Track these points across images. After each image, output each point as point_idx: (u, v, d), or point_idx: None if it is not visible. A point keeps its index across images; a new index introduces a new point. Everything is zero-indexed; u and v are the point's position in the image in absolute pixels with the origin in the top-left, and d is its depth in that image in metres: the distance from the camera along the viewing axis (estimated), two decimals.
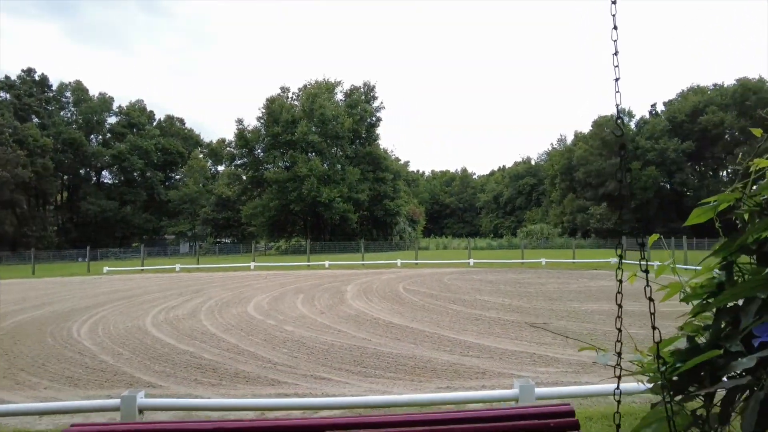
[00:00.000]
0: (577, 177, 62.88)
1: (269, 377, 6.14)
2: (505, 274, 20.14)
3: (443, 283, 16.52)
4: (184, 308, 12.00)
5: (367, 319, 9.82)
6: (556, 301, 12.11)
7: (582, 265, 23.83)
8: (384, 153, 54.67)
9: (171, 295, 14.89)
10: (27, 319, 10.93)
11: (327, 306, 11.70)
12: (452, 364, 6.55)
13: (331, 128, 48.96)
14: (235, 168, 57.16)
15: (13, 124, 51.13)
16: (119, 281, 20.59)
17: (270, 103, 51.16)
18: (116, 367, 6.72)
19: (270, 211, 49.50)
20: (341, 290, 14.78)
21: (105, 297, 14.75)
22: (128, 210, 60.81)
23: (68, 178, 62.61)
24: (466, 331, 8.55)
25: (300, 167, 47.26)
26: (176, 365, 6.78)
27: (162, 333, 8.97)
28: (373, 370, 6.33)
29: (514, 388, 4.03)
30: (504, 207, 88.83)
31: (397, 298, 12.88)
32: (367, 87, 55.01)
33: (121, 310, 11.99)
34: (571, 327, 8.85)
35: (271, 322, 9.83)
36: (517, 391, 3.99)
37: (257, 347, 7.70)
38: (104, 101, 63.15)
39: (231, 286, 17.22)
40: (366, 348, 7.45)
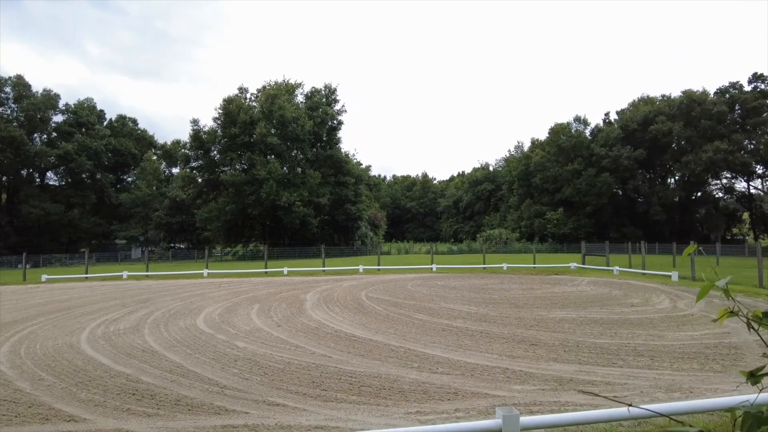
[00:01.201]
0: (534, 183, 64.07)
1: (216, 404, 5.40)
2: (468, 279, 19.85)
3: (407, 290, 16.01)
4: (127, 321, 10.97)
5: (328, 332, 9.15)
6: (522, 308, 11.80)
7: (543, 270, 23.89)
8: (345, 156, 54.03)
9: (114, 306, 13.71)
10: None
11: (284, 317, 10.94)
12: (421, 383, 5.99)
13: (291, 130, 47.89)
14: (190, 170, 55.11)
15: None
16: (58, 291, 19.02)
17: (227, 103, 49.61)
18: (33, 397, 5.79)
19: (226, 215, 47.91)
20: (300, 299, 14.02)
21: (38, 309, 13.42)
22: (75, 213, 57.54)
23: (8, 179, 58.72)
24: (433, 344, 8.02)
25: (258, 170, 45.97)
26: (108, 391, 5.92)
27: (97, 351, 8.01)
28: (334, 392, 5.69)
29: (497, 418, 3.53)
30: (464, 212, 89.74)
31: (359, 307, 12.25)
32: (329, 89, 54.30)
33: (55, 323, 10.83)
34: (542, 337, 8.47)
35: (221, 337, 9.01)
36: (500, 421, 3.49)
37: (204, 367, 6.91)
38: (49, 98, 59.61)
39: (181, 295, 16.13)
40: (326, 366, 6.79)
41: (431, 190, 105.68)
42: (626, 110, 63.50)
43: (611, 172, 56.29)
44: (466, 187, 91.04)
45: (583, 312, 11.10)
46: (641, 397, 5.33)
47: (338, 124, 54.28)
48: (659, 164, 60.19)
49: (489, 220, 76.85)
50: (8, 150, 54.34)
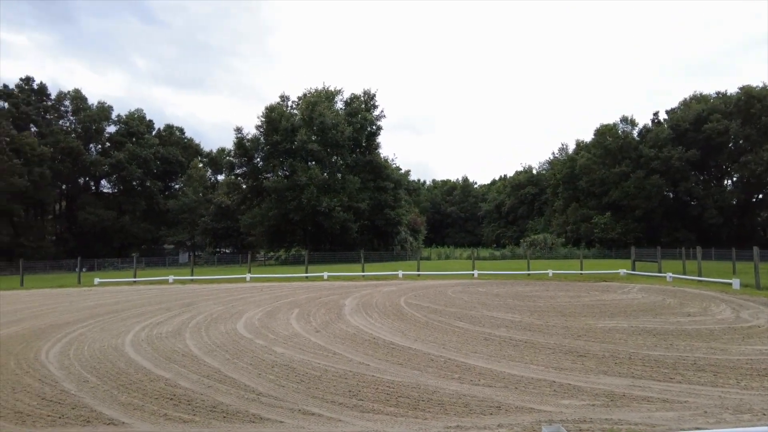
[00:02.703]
0: (580, 186, 62.15)
1: (251, 412, 5.30)
2: (511, 286, 19.28)
3: (447, 296, 15.67)
4: (170, 325, 11.17)
5: (366, 339, 8.98)
6: (569, 317, 11.27)
7: (590, 276, 22.95)
8: (384, 162, 54.05)
9: (159, 309, 14.06)
10: None
11: (323, 323, 10.86)
12: (462, 395, 5.71)
13: (330, 137, 48.36)
14: (234, 177, 56.54)
15: (10, 133, 50.58)
16: (108, 294, 19.75)
17: (269, 111, 50.64)
18: (77, 399, 5.88)
19: (269, 220, 48.81)
20: (339, 304, 13.94)
21: (89, 311, 13.91)
22: (126, 219, 60.11)
23: (67, 187, 62.04)
24: (475, 354, 7.70)
25: (299, 176, 46.64)
26: (147, 395, 5.95)
27: (139, 355, 8.14)
28: (371, 403, 5.49)
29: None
30: (506, 216, 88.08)
31: (398, 313, 12.03)
32: (368, 95, 54.53)
33: (102, 326, 11.15)
34: (590, 348, 8.00)
35: (260, 342, 8.99)
36: None
37: (241, 373, 6.87)
38: (103, 110, 62.71)
39: (224, 299, 16.39)
40: (363, 375, 6.61)
41: (472, 195, 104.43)
42: (677, 109, 60.71)
43: (661, 174, 53.90)
44: (509, 190, 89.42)
45: (635, 321, 10.48)
46: (705, 418, 4.87)
47: (377, 129, 54.40)
48: (714, 165, 57.18)
49: (533, 225, 75.13)
50: (67, 160, 57.44)
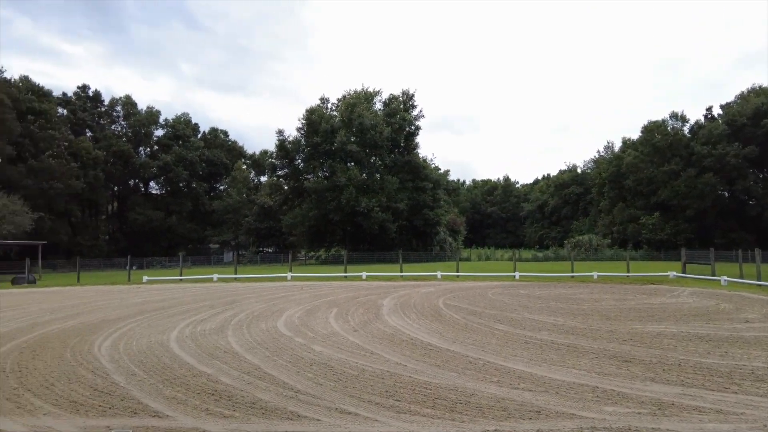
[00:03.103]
0: (626, 185, 59.99)
1: (289, 409, 5.37)
2: (554, 288, 18.79)
3: (487, 298, 15.43)
4: (213, 322, 11.49)
5: (404, 339, 8.95)
6: (614, 320, 10.86)
7: (638, 279, 22.09)
8: (423, 162, 53.89)
9: (203, 306, 14.49)
10: (54, 331, 10.67)
11: (361, 322, 10.90)
12: (500, 399, 5.58)
13: (369, 137, 48.63)
14: (276, 178, 57.75)
15: (68, 138, 53.42)
16: (156, 291, 20.53)
17: (310, 113, 51.42)
18: (125, 391, 6.12)
19: (309, 220, 49.57)
20: (377, 304, 13.96)
21: (137, 308, 14.51)
22: (174, 220, 62.42)
23: (118, 189, 65.00)
24: (515, 357, 7.53)
25: (339, 177, 47.13)
26: (190, 390, 6.12)
27: (183, 350, 8.40)
28: (408, 404, 5.45)
29: None
30: (549, 217, 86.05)
31: (436, 314, 11.94)
32: (406, 95, 54.50)
33: (150, 322, 11.59)
34: (637, 353, 7.67)
35: (299, 340, 9.11)
36: None
37: (281, 370, 6.97)
38: (151, 114, 65.40)
39: (265, 297, 16.73)
40: (401, 376, 6.58)
41: (513, 194, 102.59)
42: (733, 104, 57.57)
43: (715, 173, 51.27)
44: (552, 190, 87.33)
45: (685, 326, 9.99)
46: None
47: (416, 129, 54.29)
48: None
49: (577, 226, 73.12)
50: (119, 163, 60.21)
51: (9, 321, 12.39)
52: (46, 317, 12.93)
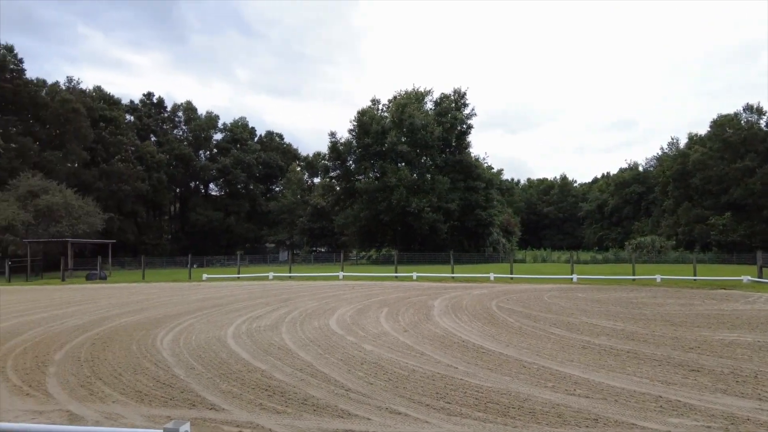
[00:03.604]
0: (693, 184, 56.62)
1: (340, 407, 5.41)
2: (614, 292, 17.99)
3: (543, 301, 14.98)
4: (268, 319, 11.80)
5: (455, 342, 8.83)
6: (680, 327, 10.25)
7: (706, 283, 20.77)
8: (475, 161, 53.11)
9: (259, 304, 14.94)
10: (122, 324, 11.32)
11: (411, 323, 10.86)
12: (555, 404, 5.38)
13: (420, 137, 48.48)
14: (329, 179, 58.73)
15: (135, 143, 56.68)
16: (215, 288, 21.37)
17: (361, 115, 51.93)
18: (185, 384, 6.39)
19: (361, 221, 50.04)
20: (428, 305, 13.87)
21: (197, 304, 15.15)
22: (232, 220, 64.84)
23: (180, 190, 68.28)
24: (571, 362, 7.25)
25: (389, 177, 47.28)
26: (245, 385, 6.31)
27: (239, 346, 8.68)
28: (459, 406, 5.36)
29: None
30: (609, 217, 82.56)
31: (489, 317, 11.71)
32: (458, 94, 53.92)
33: (208, 318, 12.07)
34: (705, 362, 7.19)
35: (350, 338, 9.20)
36: None
37: (332, 368, 7.05)
38: (210, 119, 68.27)
39: (318, 295, 17.03)
40: (451, 378, 6.49)
41: (571, 194, 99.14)
42: None
43: None
44: (612, 189, 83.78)
45: (762, 335, 9.27)
46: None
47: (467, 128, 53.61)
48: None
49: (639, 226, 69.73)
50: (180, 166, 63.25)
51: (83, 314, 13.28)
52: (115, 311, 13.76)
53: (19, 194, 37.31)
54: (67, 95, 47.92)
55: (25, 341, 9.57)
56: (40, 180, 38.99)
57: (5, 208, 35.12)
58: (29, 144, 45.13)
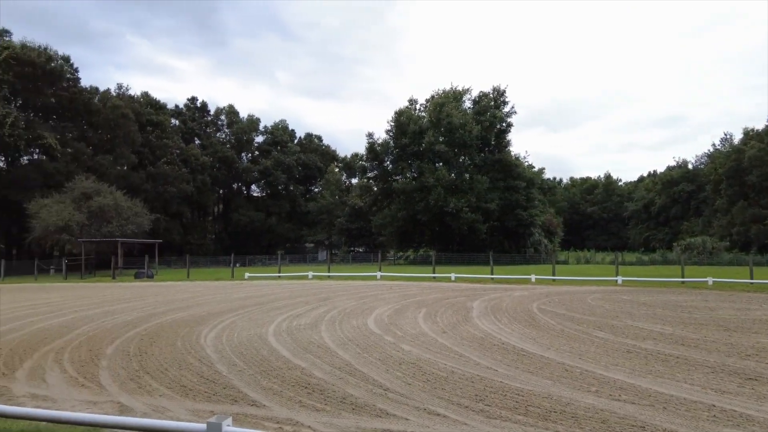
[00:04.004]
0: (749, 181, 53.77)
1: (378, 406, 5.43)
2: (661, 295, 17.28)
3: (586, 303, 14.56)
4: (308, 317, 11.97)
5: (495, 344, 8.69)
6: (735, 332, 9.73)
7: (764, 287, 19.65)
8: (516, 160, 52.15)
9: (299, 302, 15.17)
10: (168, 321, 11.74)
11: (450, 324, 10.77)
12: (599, 410, 5.22)
13: (458, 137, 48.02)
14: (366, 180, 59.02)
15: (180, 146, 58.70)
16: (256, 287, 21.86)
17: (398, 115, 51.93)
18: (227, 380, 6.56)
19: (398, 221, 50.02)
20: (466, 306, 13.73)
21: (239, 302, 15.53)
22: (273, 220, 66.24)
23: (223, 191, 70.25)
24: (616, 367, 7.01)
25: (427, 177, 47.06)
26: (285, 382, 6.42)
27: (280, 344, 8.84)
28: (498, 409, 5.27)
29: None
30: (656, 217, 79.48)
31: (530, 319, 11.47)
32: (497, 92, 53.09)
33: (250, 316, 12.35)
34: (764, 371, 6.81)
35: (388, 338, 9.21)
36: None
37: (370, 368, 7.08)
38: (252, 122, 69.95)
39: (356, 295, 17.15)
40: (491, 380, 6.39)
41: (616, 193, 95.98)
42: None
43: None
44: (659, 188, 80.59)
45: None
46: None
47: (507, 126, 52.70)
48: None
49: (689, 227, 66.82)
50: (223, 168, 65.07)
51: (132, 311, 13.85)
52: (161, 308, 14.28)
53: (74, 196, 39.28)
54: (117, 101, 50.14)
55: (80, 335, 10.07)
56: (93, 183, 40.93)
57: (62, 209, 37.07)
58: (83, 149, 47.45)
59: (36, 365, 7.67)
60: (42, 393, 6.23)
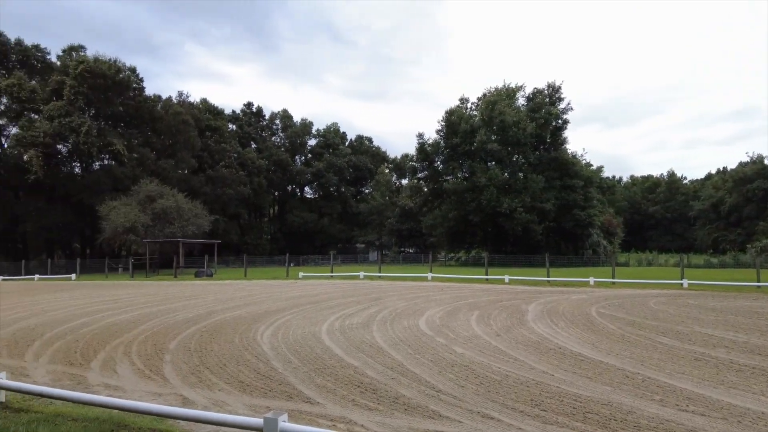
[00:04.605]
0: None
1: (430, 408, 5.40)
2: (733, 300, 16.17)
3: (648, 308, 13.86)
4: (360, 317, 12.09)
5: (551, 348, 8.43)
6: None
7: None
8: (572, 158, 50.48)
9: (350, 302, 15.35)
10: (227, 318, 12.19)
11: (504, 327, 10.56)
12: (664, 420, 4.94)
13: (511, 135, 47.01)
14: (416, 181, 58.95)
15: (237, 150, 60.91)
16: (310, 286, 22.31)
17: (449, 115, 51.52)
18: (282, 377, 6.73)
19: (449, 221, 49.62)
20: (521, 309, 13.40)
21: (294, 301, 15.90)
22: (325, 221, 67.51)
23: (278, 193, 72.28)
24: (682, 375, 6.63)
25: (479, 177, 46.37)
26: (338, 380, 6.51)
27: (333, 342, 8.97)
28: (554, 415, 5.11)
29: None
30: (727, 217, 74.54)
31: (588, 323, 11.05)
32: (552, 88, 51.59)
33: (304, 315, 12.62)
34: None
35: (440, 340, 9.14)
36: None
37: (422, 369, 7.06)
38: (305, 126, 71.63)
39: (407, 296, 17.13)
40: (547, 385, 6.21)
41: (680, 192, 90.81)
42: None
43: None
44: (730, 186, 75.51)
45: None
46: None
47: (563, 123, 51.06)
48: None
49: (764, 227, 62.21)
50: (278, 170, 66.95)
51: (193, 308, 14.49)
52: (220, 306, 14.85)
53: (140, 199, 41.64)
54: (178, 108, 52.72)
55: (146, 330, 10.64)
56: (156, 186, 43.26)
57: (129, 211, 39.40)
58: (148, 154, 50.24)
59: (108, 357, 8.17)
60: (113, 383, 6.64)
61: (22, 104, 45.79)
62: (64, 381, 6.79)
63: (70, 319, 12.52)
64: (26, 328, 11.31)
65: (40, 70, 50.32)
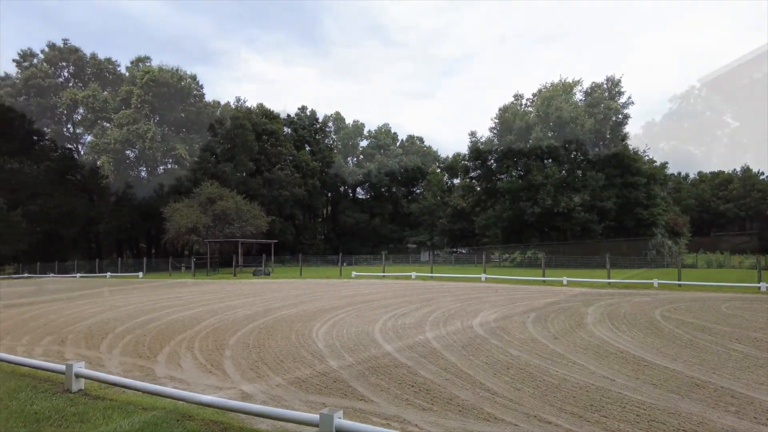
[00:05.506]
0: None
1: (485, 410, 5.31)
2: None
3: (719, 312, 13.00)
4: (412, 317, 12.08)
5: (612, 352, 8.09)
6: None
7: None
8: (634, 154, 48.17)
9: (403, 302, 15.37)
10: (283, 316, 12.52)
11: (562, 330, 10.23)
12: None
13: (569, 131, 45.42)
14: (469, 180, 58.16)
15: (292, 153, 62.47)
16: (362, 285, 22.53)
17: (503, 112, 50.51)
18: (337, 374, 6.83)
19: (503, 221, 48.64)
20: (580, 312, 12.93)
21: (347, 300, 16.12)
22: (377, 222, 68.01)
23: (331, 194, 73.52)
24: (761, 386, 6.16)
25: (534, 175, 45.13)
26: (392, 379, 6.53)
27: (386, 341, 9.01)
28: (616, 422, 4.89)
29: None
30: None
31: (652, 327, 10.51)
32: (611, 82, 49.41)
33: (358, 313, 12.76)
34: None
35: (495, 342, 8.97)
36: None
37: (477, 370, 6.95)
38: (357, 127, 72.46)
39: (460, 297, 16.95)
40: (608, 390, 5.96)
41: (756, 188, 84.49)
42: None
43: None
44: None
45: None
46: None
47: (624, 118, 48.78)
48: None
49: None
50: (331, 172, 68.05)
51: (251, 306, 14.99)
52: (277, 304, 15.28)
53: (201, 201, 43.61)
54: (236, 113, 54.78)
55: (207, 327, 11.11)
56: (216, 188, 45.15)
57: (191, 212, 41.36)
58: (208, 157, 52.53)
59: (172, 351, 8.60)
60: (178, 376, 6.98)
61: (96, 114, 49.19)
62: (134, 372, 7.21)
63: (139, 315, 13.29)
64: (100, 322, 12.10)
65: (112, 81, 53.90)
